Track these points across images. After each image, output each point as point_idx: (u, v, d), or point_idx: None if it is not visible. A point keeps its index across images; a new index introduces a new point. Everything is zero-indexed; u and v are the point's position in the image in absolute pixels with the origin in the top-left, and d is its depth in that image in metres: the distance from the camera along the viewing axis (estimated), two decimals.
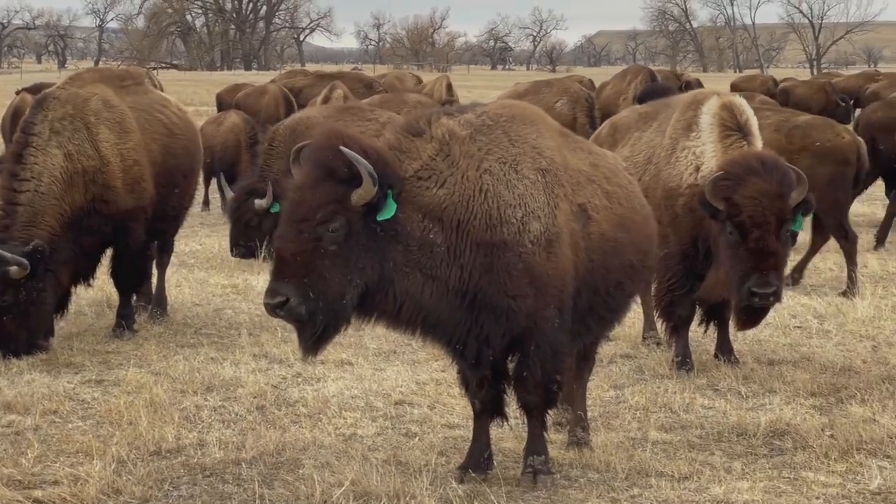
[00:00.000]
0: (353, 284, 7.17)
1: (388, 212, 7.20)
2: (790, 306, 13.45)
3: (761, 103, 20.47)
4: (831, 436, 8.84)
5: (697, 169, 10.60)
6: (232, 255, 16.37)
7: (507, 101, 8.99)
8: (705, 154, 10.61)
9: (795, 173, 9.90)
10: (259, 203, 16.01)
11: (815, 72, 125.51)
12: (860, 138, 15.27)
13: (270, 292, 7.06)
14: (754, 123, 10.72)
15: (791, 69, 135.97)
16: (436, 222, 7.37)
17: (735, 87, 44.18)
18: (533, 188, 7.67)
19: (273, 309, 7.06)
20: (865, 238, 18.62)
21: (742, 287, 9.74)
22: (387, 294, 7.32)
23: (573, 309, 7.84)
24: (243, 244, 16.29)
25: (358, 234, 7.14)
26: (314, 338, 7.28)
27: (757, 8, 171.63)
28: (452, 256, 7.41)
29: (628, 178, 8.56)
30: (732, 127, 10.60)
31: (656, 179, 11.05)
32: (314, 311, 7.08)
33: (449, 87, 34.25)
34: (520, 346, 7.78)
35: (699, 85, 36.40)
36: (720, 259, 10.19)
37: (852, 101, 39.53)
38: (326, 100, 20.95)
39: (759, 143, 10.61)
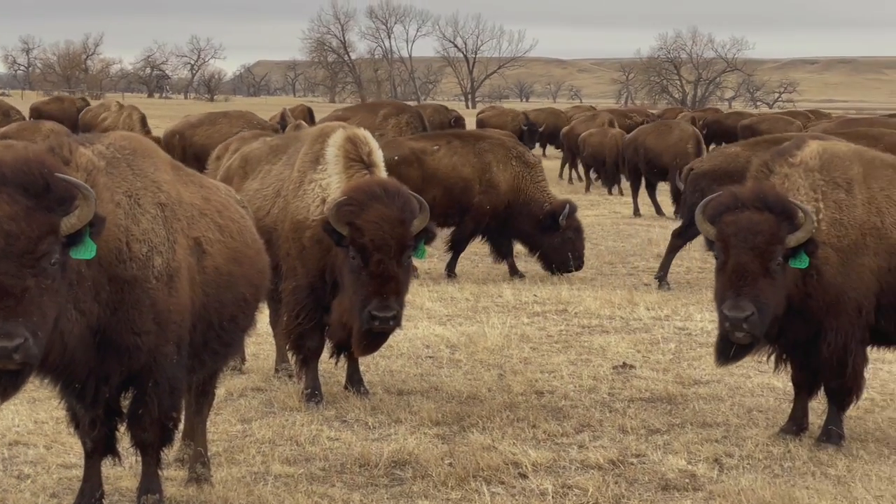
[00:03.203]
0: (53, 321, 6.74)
1: (90, 249, 6.84)
2: (424, 336, 13.72)
3: None
4: (450, 464, 9.02)
5: (324, 201, 10.66)
6: None
7: (127, 133, 8.82)
8: (331, 186, 10.70)
9: (418, 201, 10.11)
10: None
11: (469, 106, 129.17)
12: None
13: (6, 335, 6.36)
14: (378, 155, 10.91)
15: (448, 101, 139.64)
16: None
17: (485, 122, 44.18)
18: (154, 223, 7.54)
19: (10, 353, 6.37)
20: (504, 268, 19.22)
21: (363, 311, 9.84)
22: (52, 332, 6.84)
23: (189, 344, 7.74)
24: None
25: (62, 266, 6.74)
26: (23, 380, 6.75)
27: (414, 41, 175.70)
28: (94, 292, 7.17)
29: (240, 212, 8.52)
30: (356, 159, 10.75)
31: (285, 212, 11.07)
32: (40, 350, 6.58)
33: (142, 120, 33.40)
34: (137, 384, 7.61)
35: (460, 123, 36.28)
36: (344, 286, 10.27)
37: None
38: None
39: (382, 174, 10.78)
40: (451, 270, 18.68)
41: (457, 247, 18.78)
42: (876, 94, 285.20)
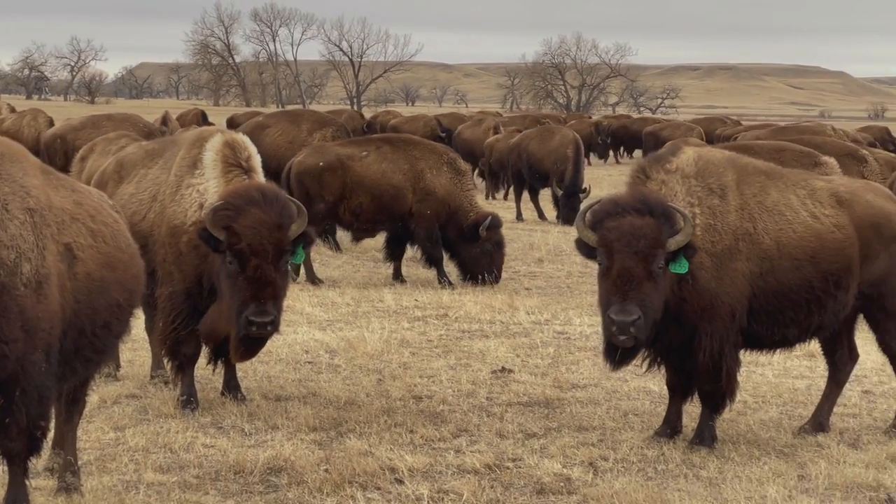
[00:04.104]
0: None
1: None
2: (303, 342, 13.65)
3: None
4: (326, 470, 8.97)
5: (201, 206, 10.56)
6: None
7: None
8: (209, 191, 10.61)
9: (296, 206, 10.08)
10: None
11: (355, 109, 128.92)
12: None
13: None
14: (257, 160, 10.86)
15: (334, 105, 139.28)
16: None
17: (396, 128, 43.78)
18: (23, 228, 7.39)
19: None
20: (386, 272, 19.21)
21: (240, 316, 9.77)
22: None
23: (59, 351, 7.61)
24: None
25: None
26: None
27: (299, 45, 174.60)
28: None
29: (114, 216, 8.39)
30: (235, 163, 10.68)
31: (161, 217, 10.95)
32: None
33: (50, 123, 32.74)
34: (4, 392, 7.44)
35: (373, 129, 35.69)
36: (222, 292, 10.18)
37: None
38: None
39: (261, 179, 10.72)
40: (442, 278, 18.58)
41: (428, 259, 18.63)
42: (756, 100, 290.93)
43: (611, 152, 59.20)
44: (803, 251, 9.96)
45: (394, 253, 18.93)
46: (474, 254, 18.31)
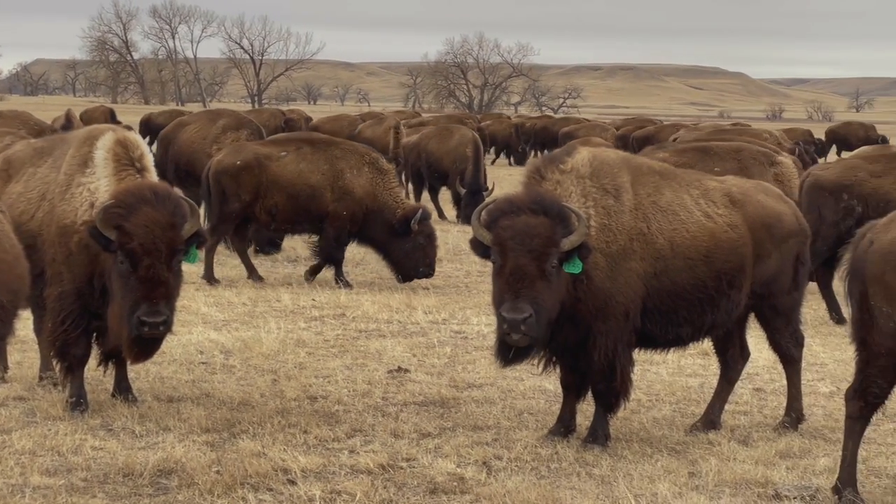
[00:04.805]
0: None
1: None
2: (198, 342, 13.51)
3: None
4: (218, 471, 8.86)
5: (92, 205, 10.39)
6: None
7: None
8: (100, 190, 10.45)
9: (189, 205, 9.98)
10: None
11: (255, 106, 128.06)
12: None
13: None
14: (149, 158, 10.73)
15: (234, 104, 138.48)
16: None
17: (318, 129, 43.00)
18: None
19: None
20: (283, 272, 19.08)
21: (132, 317, 9.65)
22: None
23: None
24: None
25: None
26: None
27: (199, 42, 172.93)
28: None
29: None
30: (127, 162, 10.53)
31: (51, 216, 10.75)
32: None
33: None
34: None
35: (291, 125, 35.17)
36: (113, 293, 10.03)
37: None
38: None
39: (154, 177, 10.59)
40: (339, 278, 18.46)
41: (328, 258, 18.50)
42: (656, 100, 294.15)
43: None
44: (697, 251, 10.04)
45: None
46: (407, 249, 18.24)
